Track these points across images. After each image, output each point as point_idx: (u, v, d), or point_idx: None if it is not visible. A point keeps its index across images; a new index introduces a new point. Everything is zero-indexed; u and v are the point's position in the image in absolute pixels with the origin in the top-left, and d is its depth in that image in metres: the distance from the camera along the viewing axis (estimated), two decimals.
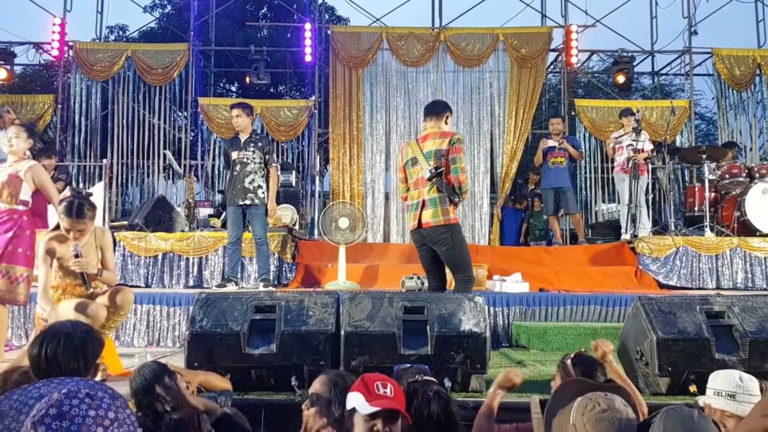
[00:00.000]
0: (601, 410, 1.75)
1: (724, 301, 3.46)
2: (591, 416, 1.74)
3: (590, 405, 1.77)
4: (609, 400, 1.78)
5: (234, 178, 5.86)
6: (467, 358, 3.29)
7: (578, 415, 1.77)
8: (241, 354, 3.24)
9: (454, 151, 4.25)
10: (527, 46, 9.97)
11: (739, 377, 2.42)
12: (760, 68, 10.48)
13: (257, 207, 5.82)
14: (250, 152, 5.87)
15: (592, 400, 1.79)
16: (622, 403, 1.82)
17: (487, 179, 9.89)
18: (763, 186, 7.06)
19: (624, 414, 1.76)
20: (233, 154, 5.89)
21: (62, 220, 3.56)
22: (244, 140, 5.91)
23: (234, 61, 12.41)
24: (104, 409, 1.24)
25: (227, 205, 6.01)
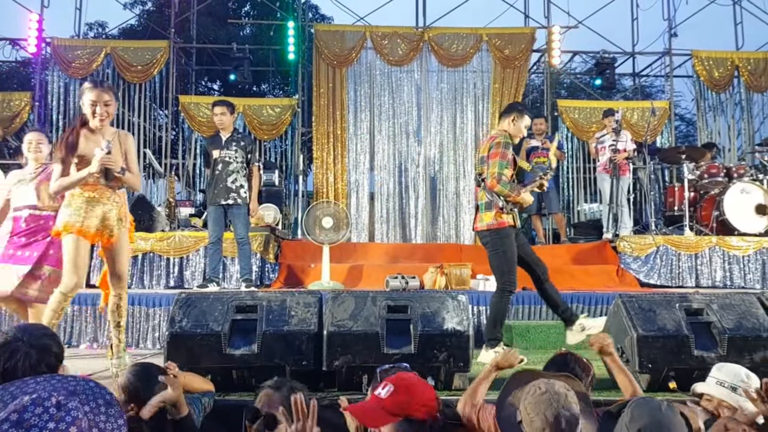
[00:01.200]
0: (540, 393, 1.87)
1: (702, 298, 3.50)
2: (532, 400, 1.88)
3: (532, 390, 1.91)
4: (549, 384, 1.90)
5: (216, 177, 5.79)
6: (450, 356, 3.30)
7: (523, 400, 1.91)
8: (222, 354, 3.21)
9: (491, 157, 4.21)
10: (510, 47, 10.02)
11: (745, 374, 2.48)
12: (738, 70, 10.64)
13: (239, 207, 5.77)
14: (233, 151, 5.81)
15: (534, 385, 1.92)
16: (564, 386, 1.92)
17: (472, 179, 9.91)
18: (741, 186, 7.16)
19: (564, 396, 1.86)
20: (214, 153, 5.82)
21: (87, 94, 3.52)
22: (226, 139, 5.84)
23: (216, 59, 12.31)
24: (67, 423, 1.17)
25: (208, 204, 5.94)
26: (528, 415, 1.88)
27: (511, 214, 4.16)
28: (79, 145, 3.53)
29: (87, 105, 3.53)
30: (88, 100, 3.52)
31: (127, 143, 3.71)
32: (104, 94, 3.53)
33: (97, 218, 3.51)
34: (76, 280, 3.47)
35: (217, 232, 5.84)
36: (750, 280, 6.76)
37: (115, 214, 3.60)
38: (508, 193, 4.09)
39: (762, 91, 10.81)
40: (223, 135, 5.87)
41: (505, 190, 4.09)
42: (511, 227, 4.15)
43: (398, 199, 9.86)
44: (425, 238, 9.68)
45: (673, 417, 1.74)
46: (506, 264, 4.16)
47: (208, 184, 6.00)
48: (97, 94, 3.51)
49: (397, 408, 1.96)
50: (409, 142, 9.98)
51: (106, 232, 3.56)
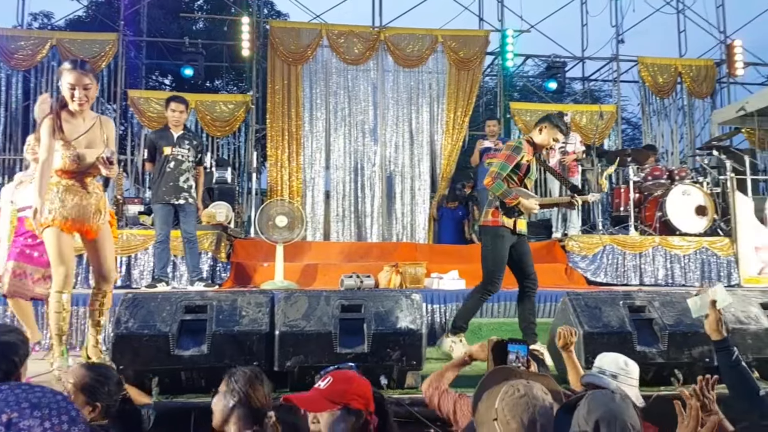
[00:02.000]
0: (519, 396, 1.88)
1: (645, 296, 3.64)
2: (509, 401, 1.88)
3: (511, 391, 1.91)
4: (528, 387, 1.92)
5: (166, 175, 5.66)
6: (403, 355, 3.32)
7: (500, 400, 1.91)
8: (170, 356, 3.15)
9: (498, 157, 4.30)
10: (465, 49, 10.14)
11: (624, 361, 2.59)
12: (681, 77, 11.06)
13: (191, 206, 5.74)
14: (185, 150, 5.73)
15: (513, 386, 1.94)
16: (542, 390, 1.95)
17: (428, 179, 10.00)
18: (682, 188, 7.45)
19: (541, 400, 1.89)
20: (165, 149, 5.69)
21: (66, 76, 3.37)
22: (178, 136, 5.74)
23: (167, 54, 12.00)
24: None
25: (155, 202, 5.78)
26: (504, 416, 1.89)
27: (514, 218, 4.18)
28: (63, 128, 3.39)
29: (66, 88, 3.39)
30: (66, 82, 3.38)
31: (108, 129, 3.59)
32: (84, 77, 3.39)
33: (74, 208, 3.39)
34: (64, 274, 3.37)
35: (165, 230, 5.72)
36: (690, 279, 7.04)
37: (94, 205, 3.50)
38: (502, 194, 4.13)
39: (703, 97, 11.28)
40: (174, 131, 5.76)
41: (498, 190, 4.13)
42: (507, 229, 4.17)
43: (354, 198, 9.84)
44: (381, 237, 9.70)
45: (627, 408, 1.80)
46: (491, 263, 4.20)
47: (154, 181, 5.82)
48: (76, 76, 3.37)
49: (335, 396, 2.02)
50: (365, 141, 9.97)
51: (86, 223, 3.45)
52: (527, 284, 4.27)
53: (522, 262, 4.28)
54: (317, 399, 2.02)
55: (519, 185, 4.22)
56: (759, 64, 11.86)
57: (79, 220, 3.41)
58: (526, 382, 1.98)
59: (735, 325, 3.54)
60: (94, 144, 3.47)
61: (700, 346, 3.42)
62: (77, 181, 3.43)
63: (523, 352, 2.55)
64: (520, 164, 4.19)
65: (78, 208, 3.40)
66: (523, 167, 4.21)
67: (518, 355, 2.53)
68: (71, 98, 3.38)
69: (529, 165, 4.25)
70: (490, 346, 2.68)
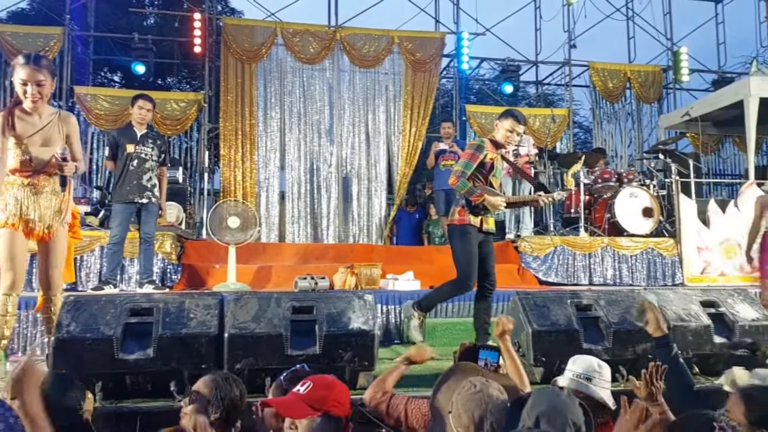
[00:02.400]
0: (474, 392, 1.94)
1: (591, 295, 3.73)
2: (464, 396, 1.94)
3: (468, 386, 1.97)
4: (485, 385, 1.97)
5: (129, 173, 5.54)
6: (355, 356, 3.31)
7: (456, 394, 1.97)
8: (114, 360, 3.06)
9: (461, 156, 4.30)
10: (421, 50, 10.20)
11: (597, 364, 2.64)
12: (630, 82, 11.41)
13: (153, 205, 5.65)
14: (149, 148, 5.66)
15: (471, 382, 1.99)
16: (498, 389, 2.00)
17: (384, 180, 10.01)
18: (630, 190, 7.67)
19: (495, 398, 1.94)
20: (128, 147, 5.56)
21: (18, 71, 3.20)
22: (141, 134, 5.65)
23: (116, 50, 11.66)
24: None
25: (117, 201, 5.60)
26: (457, 409, 1.94)
27: (480, 216, 4.19)
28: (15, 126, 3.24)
29: (18, 84, 3.23)
30: (19, 78, 3.22)
31: (68, 126, 3.44)
32: (37, 73, 3.22)
33: (31, 208, 3.24)
34: (12, 278, 3.23)
35: (123, 231, 5.59)
36: (637, 279, 7.27)
37: (54, 205, 3.35)
38: (467, 192, 4.14)
39: (650, 102, 11.67)
40: (138, 130, 5.66)
41: (463, 188, 4.14)
42: (473, 227, 4.17)
43: (310, 199, 9.77)
44: (337, 239, 9.65)
45: (571, 405, 1.84)
46: (464, 262, 4.20)
47: (116, 180, 5.62)
48: (29, 72, 3.20)
49: (315, 402, 1.98)
50: (321, 141, 9.91)
51: (42, 225, 3.30)
52: (486, 285, 4.30)
53: (485, 263, 4.29)
54: (297, 405, 1.97)
55: (485, 184, 4.24)
56: (703, 71, 12.35)
57: (35, 221, 3.29)
58: (484, 380, 2.02)
59: (676, 322, 3.66)
60: (50, 142, 3.35)
61: (643, 343, 3.51)
62: (35, 180, 3.31)
63: (493, 359, 2.58)
64: (484, 162, 4.23)
65: (35, 209, 3.28)
66: (487, 165, 4.24)
67: (487, 362, 2.56)
68: (23, 95, 3.25)
69: (493, 163, 4.26)
70: (461, 350, 2.72)
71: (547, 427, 1.76)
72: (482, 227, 4.22)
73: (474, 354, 2.62)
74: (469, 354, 2.65)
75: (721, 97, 9.29)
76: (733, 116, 9.31)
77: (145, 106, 5.65)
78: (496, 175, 4.31)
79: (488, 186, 4.25)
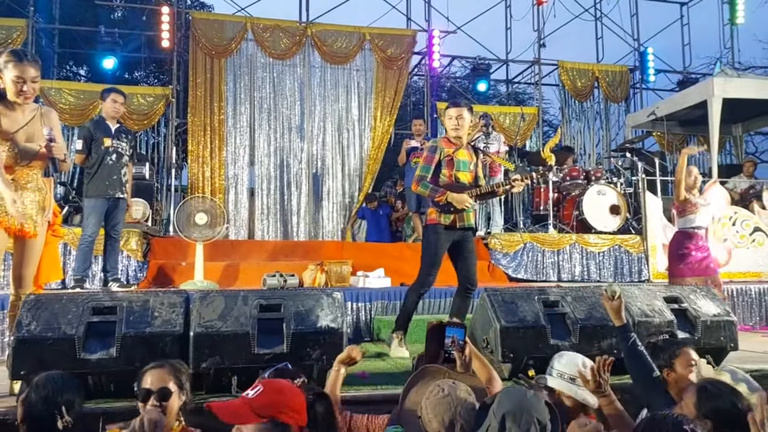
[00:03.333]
0: (442, 396, 1.95)
1: (558, 291, 3.77)
2: (433, 400, 1.95)
3: (436, 390, 1.98)
4: (453, 388, 1.98)
5: (108, 168, 5.42)
6: (324, 354, 3.28)
7: (424, 399, 1.98)
8: (76, 360, 2.98)
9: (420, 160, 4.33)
10: (392, 48, 10.19)
11: (582, 362, 2.66)
12: (598, 81, 11.59)
13: (123, 201, 5.59)
14: (124, 143, 5.60)
15: (439, 385, 1.99)
16: (466, 390, 2.01)
17: (356, 177, 9.98)
18: (597, 188, 7.80)
19: (464, 401, 1.96)
20: (105, 141, 5.44)
21: (11, 68, 3.13)
22: (116, 129, 5.56)
23: (82, 43, 11.39)
24: None
25: (93, 196, 5.43)
26: (427, 414, 1.95)
27: (452, 214, 4.16)
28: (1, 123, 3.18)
29: (10, 81, 3.15)
30: (12, 75, 3.14)
31: (50, 121, 3.37)
32: (31, 68, 3.17)
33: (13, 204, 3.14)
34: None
35: (98, 227, 5.47)
36: (604, 275, 7.39)
37: (37, 202, 3.28)
38: (429, 193, 4.15)
39: (618, 102, 11.86)
40: (110, 124, 5.55)
41: (425, 190, 4.16)
42: (441, 226, 4.16)
43: (280, 196, 9.69)
44: (308, 236, 9.59)
45: (537, 403, 1.86)
46: (424, 260, 4.23)
47: (92, 175, 5.45)
48: (23, 69, 3.14)
49: (263, 408, 1.88)
50: (291, 137, 9.84)
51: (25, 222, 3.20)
52: (466, 285, 4.27)
53: (466, 262, 4.27)
54: (243, 411, 1.86)
55: (451, 181, 4.23)
56: (669, 71, 12.61)
57: (19, 217, 3.20)
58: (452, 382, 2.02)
59: (640, 318, 3.73)
60: (34, 137, 3.29)
61: (608, 338, 3.57)
62: (18, 176, 3.25)
63: (460, 335, 2.55)
64: (443, 161, 4.22)
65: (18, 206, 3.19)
66: (447, 163, 4.21)
67: (455, 339, 2.53)
68: (18, 93, 3.18)
69: (453, 159, 4.21)
70: (428, 328, 2.68)
71: (512, 425, 1.78)
72: (457, 224, 4.20)
73: (441, 332, 2.59)
74: (437, 332, 2.62)
75: (686, 97, 9.49)
76: (698, 116, 9.53)
77: (118, 100, 5.56)
78: (464, 170, 4.26)
79: (456, 182, 4.24)
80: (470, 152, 4.37)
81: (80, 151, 5.48)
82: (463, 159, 4.27)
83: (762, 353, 4.59)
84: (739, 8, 11.69)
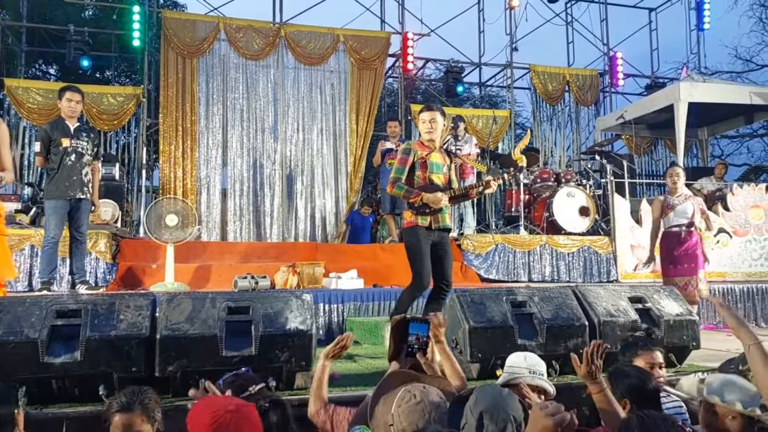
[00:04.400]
0: (415, 402, 1.92)
1: (526, 292, 3.82)
2: (405, 408, 1.92)
3: (407, 397, 1.94)
4: (424, 393, 1.95)
5: (68, 168, 5.32)
6: (292, 356, 3.28)
7: (396, 406, 1.94)
8: (39, 364, 2.93)
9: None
10: (367, 49, 10.21)
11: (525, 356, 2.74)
12: (569, 85, 11.77)
13: (87, 201, 5.49)
14: (85, 142, 5.47)
15: (410, 392, 1.96)
16: (438, 395, 2.00)
17: (330, 178, 9.96)
18: (567, 190, 7.92)
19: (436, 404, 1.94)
20: (63, 141, 5.34)
21: None
22: (75, 128, 5.45)
23: (51, 41, 11.19)
24: None
25: (53, 197, 5.34)
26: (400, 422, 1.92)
27: (428, 215, 4.19)
28: None
29: None
30: None
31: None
32: None
33: None
34: None
35: (60, 229, 5.39)
36: (574, 276, 7.51)
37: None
38: (404, 195, 4.18)
39: (588, 105, 12.06)
40: (70, 123, 5.44)
41: (399, 192, 4.19)
42: (421, 227, 4.19)
43: (253, 197, 9.64)
44: (281, 237, 9.55)
45: (511, 401, 1.89)
46: (413, 262, 4.22)
47: (52, 176, 5.36)
48: None
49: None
50: (264, 138, 9.79)
51: None
52: (441, 285, 4.29)
53: (442, 263, 4.29)
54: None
55: (425, 183, 4.26)
56: (638, 75, 12.85)
57: None
58: (422, 387, 2.00)
59: (606, 318, 3.80)
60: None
61: (574, 338, 3.63)
62: None
63: (423, 332, 2.55)
64: (416, 163, 4.25)
65: None
66: (421, 165, 4.25)
67: (419, 336, 2.54)
68: None
69: (426, 161, 4.24)
70: (392, 324, 2.66)
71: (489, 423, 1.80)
72: (433, 225, 4.23)
73: (405, 328, 2.59)
74: (401, 328, 2.62)
75: (654, 101, 9.69)
76: (665, 119, 9.74)
77: (74, 98, 5.43)
78: (437, 172, 4.30)
79: (430, 184, 4.28)
80: (444, 155, 4.42)
81: (38, 153, 5.39)
82: (436, 162, 4.31)
83: (725, 351, 4.71)
84: (706, 15, 11.98)
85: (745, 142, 20.89)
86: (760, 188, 8.28)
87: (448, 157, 4.46)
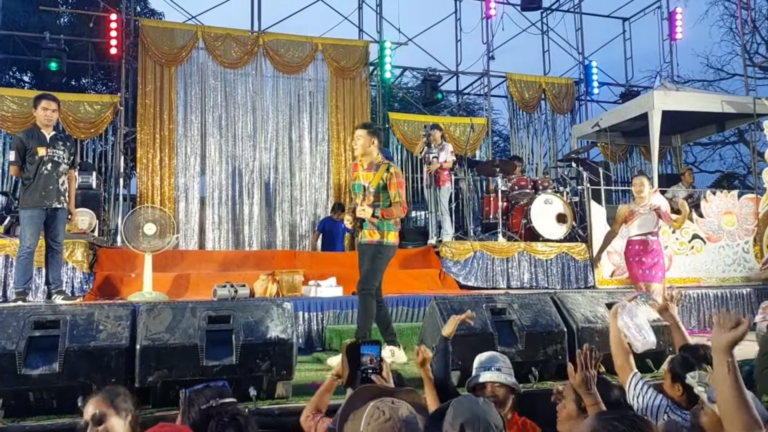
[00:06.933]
0: (384, 420, 1.84)
1: (506, 299, 3.87)
2: (375, 425, 1.83)
3: (376, 414, 1.86)
4: (394, 408, 1.88)
5: (44, 178, 5.24)
6: (273, 365, 3.29)
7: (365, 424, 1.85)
8: (17, 376, 2.91)
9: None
10: (345, 58, 10.26)
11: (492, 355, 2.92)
12: (545, 93, 11.94)
13: (64, 211, 5.41)
14: (61, 151, 5.39)
15: (379, 408, 1.88)
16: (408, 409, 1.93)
17: (308, 186, 9.96)
18: (545, 197, 8.01)
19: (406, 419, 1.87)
20: (39, 150, 5.25)
21: None
22: (51, 137, 5.36)
23: (26, 49, 11.03)
24: None
25: (28, 206, 5.24)
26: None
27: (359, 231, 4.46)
28: None
29: None
30: None
31: None
32: None
33: None
34: None
35: (36, 239, 5.29)
36: (552, 282, 7.59)
37: None
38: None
39: (564, 113, 12.24)
40: (45, 132, 5.36)
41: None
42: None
43: (231, 205, 9.59)
44: (261, 246, 9.51)
45: (490, 410, 1.90)
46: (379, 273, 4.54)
47: (28, 185, 5.26)
48: None
49: None
50: (243, 146, 9.76)
51: None
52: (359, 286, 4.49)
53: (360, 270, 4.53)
54: None
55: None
56: (612, 84, 13.09)
57: None
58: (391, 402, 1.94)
59: (584, 324, 3.87)
60: None
61: (553, 344, 3.69)
62: None
63: (376, 353, 2.56)
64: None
65: None
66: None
67: (372, 358, 2.54)
68: None
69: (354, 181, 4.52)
70: (344, 349, 2.64)
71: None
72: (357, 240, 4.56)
73: (357, 351, 2.58)
74: (353, 351, 2.60)
75: (628, 109, 9.87)
76: (639, 127, 9.92)
77: (50, 107, 5.34)
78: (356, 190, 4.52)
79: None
80: (371, 171, 4.40)
81: (13, 163, 5.30)
82: (357, 182, 4.51)
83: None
84: (678, 25, 12.25)
85: (717, 150, 21.36)
86: (732, 195, 8.47)
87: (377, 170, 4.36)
